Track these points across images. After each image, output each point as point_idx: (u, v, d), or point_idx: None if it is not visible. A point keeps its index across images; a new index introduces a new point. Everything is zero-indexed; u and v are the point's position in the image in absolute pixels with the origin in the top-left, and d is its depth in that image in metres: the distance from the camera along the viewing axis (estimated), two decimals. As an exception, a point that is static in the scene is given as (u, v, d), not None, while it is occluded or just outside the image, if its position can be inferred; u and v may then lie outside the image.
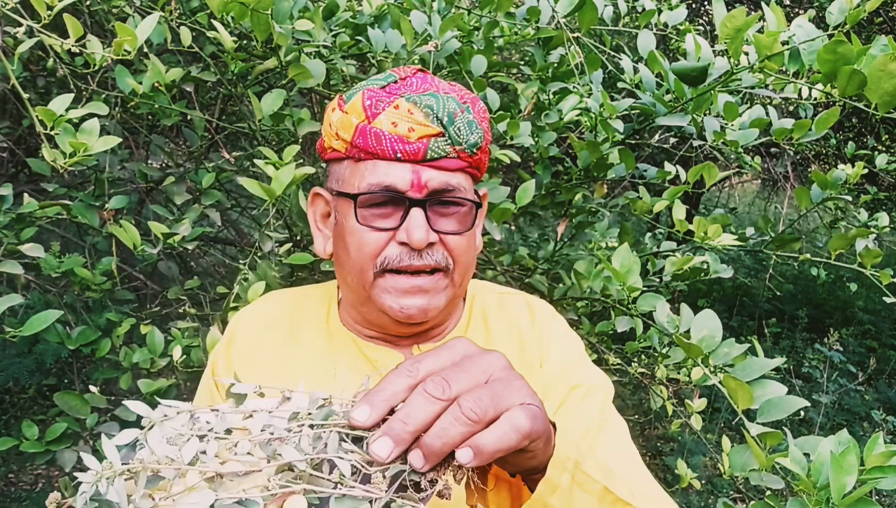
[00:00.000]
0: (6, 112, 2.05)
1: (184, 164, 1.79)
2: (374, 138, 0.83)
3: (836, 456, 0.82)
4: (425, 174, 0.84)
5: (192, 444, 0.61)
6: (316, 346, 0.96)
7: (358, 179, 0.86)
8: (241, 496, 0.57)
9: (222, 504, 0.56)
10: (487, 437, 0.54)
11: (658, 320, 1.18)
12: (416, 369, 0.58)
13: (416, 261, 0.84)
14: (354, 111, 0.85)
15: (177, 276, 1.79)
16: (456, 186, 0.86)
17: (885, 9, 4.27)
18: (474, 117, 0.86)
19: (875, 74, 1.01)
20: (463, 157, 0.86)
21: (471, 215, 0.88)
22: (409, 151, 0.83)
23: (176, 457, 0.59)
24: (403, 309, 0.86)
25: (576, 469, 0.67)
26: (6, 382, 2.47)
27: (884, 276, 1.55)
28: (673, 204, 1.65)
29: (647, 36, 1.51)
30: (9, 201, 1.39)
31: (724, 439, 1.67)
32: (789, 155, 4.84)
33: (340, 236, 0.90)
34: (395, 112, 0.83)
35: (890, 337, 5.91)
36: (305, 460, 0.60)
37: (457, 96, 0.86)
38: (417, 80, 0.87)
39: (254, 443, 0.62)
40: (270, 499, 0.57)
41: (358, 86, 0.89)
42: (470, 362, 0.58)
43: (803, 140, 1.49)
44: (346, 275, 0.90)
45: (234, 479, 0.60)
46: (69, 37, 1.10)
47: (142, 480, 0.57)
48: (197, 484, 0.58)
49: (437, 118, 0.83)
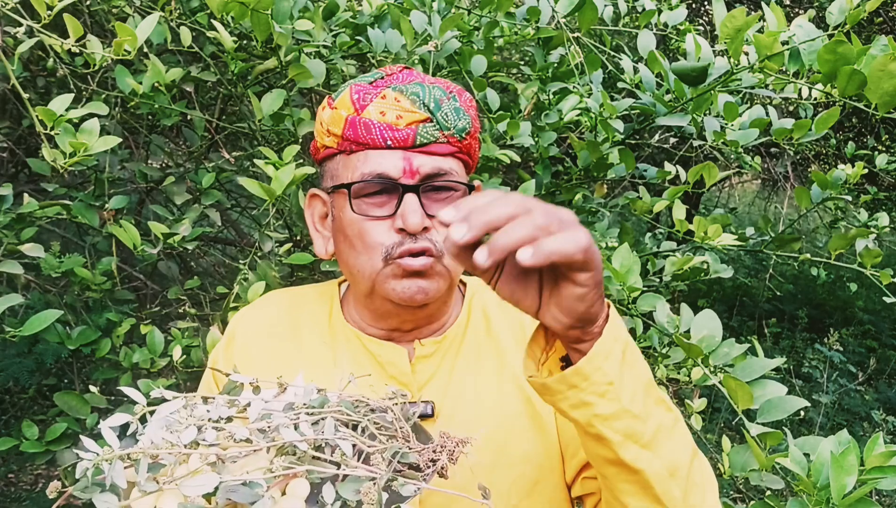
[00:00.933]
0: (6, 112, 2.05)
1: (184, 164, 1.79)
2: (363, 128, 0.85)
3: (836, 456, 0.82)
4: (416, 160, 0.85)
5: (191, 431, 0.61)
6: (318, 343, 0.96)
7: (351, 170, 0.87)
8: (244, 478, 0.57)
9: (226, 486, 0.56)
10: (549, 240, 0.57)
11: (658, 320, 1.18)
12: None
13: (413, 244, 0.85)
14: (343, 105, 0.87)
15: (177, 276, 1.79)
16: (448, 170, 0.87)
17: (885, 9, 4.27)
18: (461, 105, 0.88)
19: (875, 74, 1.01)
20: (452, 141, 0.87)
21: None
22: (399, 138, 0.84)
23: (176, 442, 0.59)
24: (405, 290, 0.86)
25: (626, 347, 0.68)
26: (6, 382, 2.47)
27: (884, 276, 1.55)
28: (673, 204, 1.65)
29: (647, 36, 1.51)
30: (9, 201, 1.38)
31: (724, 439, 1.67)
32: (789, 155, 4.84)
33: (340, 231, 0.90)
34: (382, 102, 0.85)
35: (890, 337, 5.91)
36: (306, 440, 0.61)
37: (443, 87, 0.88)
38: (403, 74, 0.89)
39: (252, 430, 0.63)
40: (273, 481, 0.58)
41: (345, 84, 0.90)
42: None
43: (803, 140, 1.49)
44: (351, 268, 0.90)
45: (236, 461, 0.60)
46: (69, 37, 1.10)
47: (143, 466, 0.57)
48: (200, 468, 0.58)
49: (423, 104, 0.85)
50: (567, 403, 0.68)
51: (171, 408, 0.65)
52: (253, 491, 0.56)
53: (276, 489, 0.58)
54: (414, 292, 0.86)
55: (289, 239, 1.67)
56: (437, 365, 0.94)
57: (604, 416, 0.67)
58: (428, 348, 0.95)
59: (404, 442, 0.64)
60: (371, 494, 0.55)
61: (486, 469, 0.87)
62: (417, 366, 0.94)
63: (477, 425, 0.90)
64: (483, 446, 0.88)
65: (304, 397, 0.68)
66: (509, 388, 0.93)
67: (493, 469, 0.88)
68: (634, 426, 0.68)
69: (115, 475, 0.57)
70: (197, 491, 0.56)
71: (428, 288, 0.87)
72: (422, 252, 0.85)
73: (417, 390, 0.92)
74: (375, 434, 0.65)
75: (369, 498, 0.55)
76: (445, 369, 0.94)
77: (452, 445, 0.64)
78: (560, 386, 0.67)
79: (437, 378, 0.93)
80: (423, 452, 0.63)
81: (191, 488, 0.56)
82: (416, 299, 0.87)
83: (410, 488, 0.59)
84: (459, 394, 0.92)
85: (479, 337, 0.97)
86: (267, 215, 1.43)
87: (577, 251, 0.58)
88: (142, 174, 1.68)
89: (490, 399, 0.92)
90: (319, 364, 0.93)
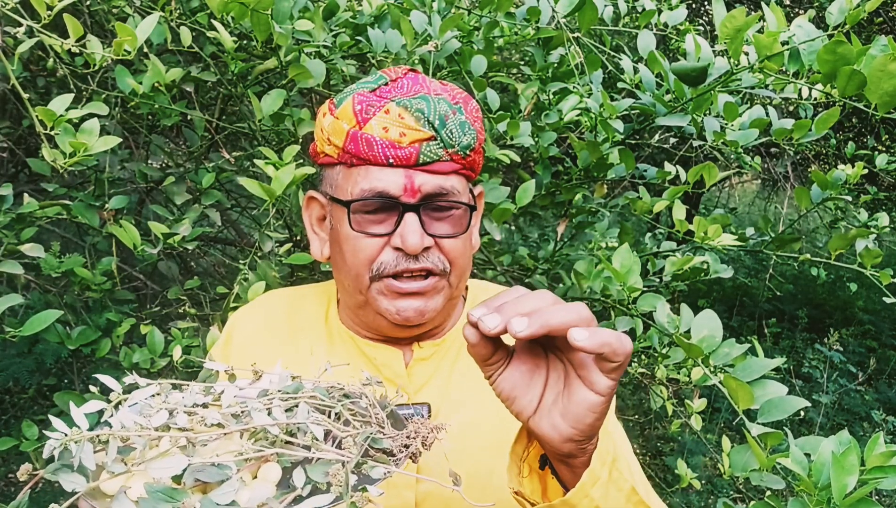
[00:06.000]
0: (6, 112, 2.05)
1: (184, 164, 1.79)
2: (365, 144, 0.83)
3: (836, 456, 0.82)
4: (418, 179, 0.83)
5: (162, 414, 0.61)
6: (314, 344, 0.96)
7: (351, 184, 0.85)
8: (214, 460, 0.57)
9: (195, 468, 0.56)
10: (556, 310, 0.59)
11: (658, 320, 1.18)
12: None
13: (412, 264, 0.84)
14: (345, 117, 0.84)
15: (177, 276, 1.79)
16: (450, 189, 0.85)
17: (885, 9, 4.27)
18: (466, 118, 0.85)
19: (875, 75, 1.01)
20: (456, 159, 0.85)
21: (465, 217, 0.88)
22: (401, 156, 0.82)
23: (146, 426, 0.59)
24: (400, 312, 0.86)
25: (612, 466, 0.68)
26: (6, 382, 2.47)
27: (884, 276, 1.55)
28: (673, 204, 1.65)
29: (647, 36, 1.51)
30: (9, 201, 1.38)
31: (724, 439, 1.67)
32: (789, 155, 4.84)
33: (336, 242, 0.89)
34: (385, 117, 0.82)
35: (890, 337, 5.90)
36: (278, 424, 0.60)
37: (448, 97, 0.85)
38: (408, 81, 0.86)
39: (224, 415, 0.62)
40: (244, 465, 0.58)
41: (348, 89, 0.87)
42: None
43: (803, 140, 1.48)
44: (343, 279, 0.90)
45: (207, 445, 0.60)
46: (69, 37, 1.10)
47: (112, 447, 0.57)
48: (170, 450, 0.58)
49: (428, 122, 0.82)
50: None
51: (144, 394, 0.65)
52: (221, 472, 0.56)
53: (247, 472, 0.58)
54: (410, 314, 0.86)
55: (289, 239, 1.67)
56: (435, 368, 0.94)
57: None
58: (426, 350, 0.94)
59: (378, 428, 0.64)
60: (339, 476, 0.55)
61: (482, 475, 0.87)
62: (414, 368, 0.93)
63: (474, 429, 0.90)
64: (480, 451, 0.88)
65: (279, 384, 0.68)
66: None
67: (490, 475, 0.88)
68: None
69: (83, 456, 0.56)
70: (165, 473, 0.55)
71: (426, 309, 0.86)
72: (422, 273, 0.85)
73: (414, 392, 0.92)
74: (350, 420, 0.65)
75: (338, 480, 0.55)
76: (443, 372, 0.94)
77: (426, 431, 0.64)
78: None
79: (435, 381, 0.93)
80: (396, 437, 0.63)
81: (159, 469, 0.56)
82: (413, 320, 0.86)
83: (380, 470, 0.59)
84: (457, 398, 0.92)
85: None
86: (267, 215, 1.43)
87: (578, 321, 0.58)
88: (142, 174, 1.68)
89: (488, 404, 0.92)
90: (315, 365, 0.93)
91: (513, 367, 0.65)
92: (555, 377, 0.64)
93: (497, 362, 0.64)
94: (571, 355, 0.62)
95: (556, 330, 0.58)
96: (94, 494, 0.57)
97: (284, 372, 0.70)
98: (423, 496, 0.88)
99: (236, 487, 0.55)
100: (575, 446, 0.64)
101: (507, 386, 0.65)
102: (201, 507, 0.53)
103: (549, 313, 0.58)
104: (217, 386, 0.69)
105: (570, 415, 0.62)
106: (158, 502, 0.53)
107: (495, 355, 0.64)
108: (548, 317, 0.58)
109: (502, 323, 0.58)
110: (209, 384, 0.69)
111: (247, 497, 0.55)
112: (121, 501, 0.54)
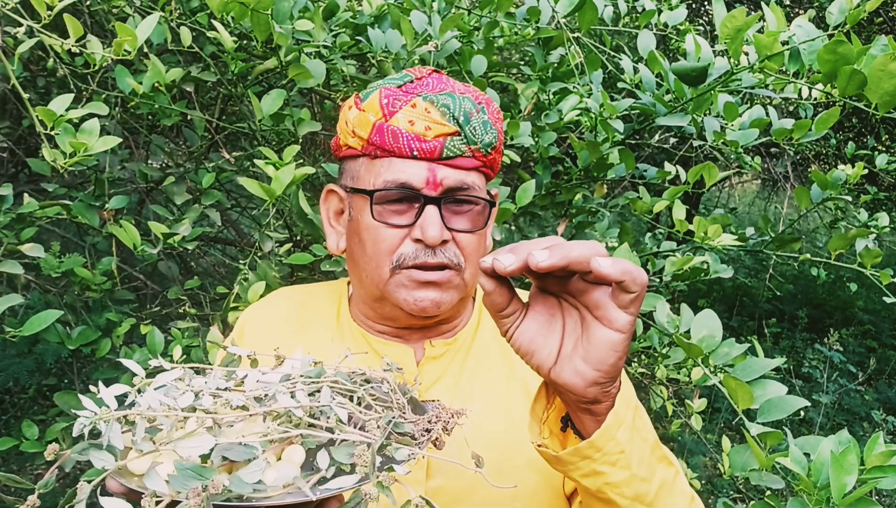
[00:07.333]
0: (6, 112, 2.05)
1: (184, 164, 1.79)
2: (391, 136, 0.84)
3: (836, 456, 0.82)
4: (440, 172, 0.85)
5: (188, 396, 0.62)
6: (325, 341, 0.97)
7: (374, 176, 0.87)
8: (240, 440, 0.57)
9: (222, 447, 0.56)
10: (574, 244, 0.59)
11: (658, 320, 1.18)
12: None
13: (430, 258, 0.85)
14: (372, 109, 0.86)
15: (177, 276, 1.79)
16: (470, 184, 0.87)
17: (885, 9, 4.27)
18: (489, 118, 0.87)
19: (875, 74, 1.01)
20: (478, 156, 0.87)
21: (484, 214, 0.89)
22: (426, 150, 0.84)
23: (173, 406, 0.60)
24: (417, 302, 0.87)
25: (636, 412, 0.68)
26: (6, 382, 2.47)
27: (884, 276, 1.55)
28: (673, 204, 1.65)
29: (647, 36, 1.51)
30: (9, 201, 1.38)
31: (724, 439, 1.68)
32: (789, 155, 4.84)
33: (355, 233, 0.91)
34: (412, 111, 0.84)
35: (890, 337, 5.90)
36: (301, 407, 0.61)
37: (472, 97, 0.88)
38: (433, 80, 0.88)
39: (248, 397, 0.63)
40: (269, 446, 0.58)
41: (374, 84, 0.90)
42: None
43: (803, 140, 1.49)
44: (361, 271, 0.91)
45: (232, 426, 0.61)
46: (69, 37, 1.10)
47: (140, 427, 0.58)
48: (196, 431, 0.58)
49: (453, 117, 0.84)
50: (579, 473, 0.68)
51: (169, 377, 0.66)
52: (249, 450, 0.56)
53: (272, 454, 0.59)
54: (427, 304, 0.87)
55: (289, 239, 1.67)
56: (446, 367, 0.95)
57: (615, 483, 0.68)
58: (438, 349, 0.95)
59: (399, 413, 0.64)
60: (364, 457, 0.55)
61: (491, 472, 0.88)
62: (425, 367, 0.94)
63: (483, 428, 0.90)
64: (489, 448, 0.88)
65: (301, 369, 0.69)
66: (517, 392, 0.93)
67: (498, 473, 0.88)
68: (641, 487, 0.69)
69: (112, 436, 0.57)
70: (193, 452, 0.56)
71: (441, 300, 0.87)
72: (439, 267, 0.86)
73: (424, 390, 0.93)
74: (371, 405, 0.65)
75: (363, 461, 0.55)
76: (454, 371, 0.94)
77: (447, 416, 0.64)
78: (573, 458, 0.67)
79: (445, 380, 0.94)
80: (417, 422, 0.63)
81: (187, 448, 0.56)
82: (429, 310, 0.87)
83: (404, 452, 0.59)
84: (467, 396, 0.93)
85: (489, 341, 0.98)
86: (267, 215, 1.43)
87: (595, 251, 0.58)
88: (142, 174, 1.68)
89: (498, 403, 0.93)
90: (328, 355, 0.94)
91: (529, 319, 0.65)
92: (571, 323, 0.64)
93: (512, 313, 0.64)
94: (586, 297, 0.61)
95: (576, 262, 0.58)
96: (121, 472, 0.57)
97: (306, 358, 0.71)
98: (432, 492, 0.88)
99: (262, 466, 0.56)
100: (599, 389, 0.63)
101: (525, 339, 0.65)
102: (230, 484, 0.53)
103: (568, 247, 0.58)
104: (239, 371, 0.69)
105: (592, 358, 0.62)
106: (189, 479, 0.53)
107: (510, 305, 0.64)
108: (567, 249, 0.58)
109: (518, 260, 0.59)
110: (231, 368, 0.70)
111: (273, 477, 0.56)
112: (152, 478, 0.54)
